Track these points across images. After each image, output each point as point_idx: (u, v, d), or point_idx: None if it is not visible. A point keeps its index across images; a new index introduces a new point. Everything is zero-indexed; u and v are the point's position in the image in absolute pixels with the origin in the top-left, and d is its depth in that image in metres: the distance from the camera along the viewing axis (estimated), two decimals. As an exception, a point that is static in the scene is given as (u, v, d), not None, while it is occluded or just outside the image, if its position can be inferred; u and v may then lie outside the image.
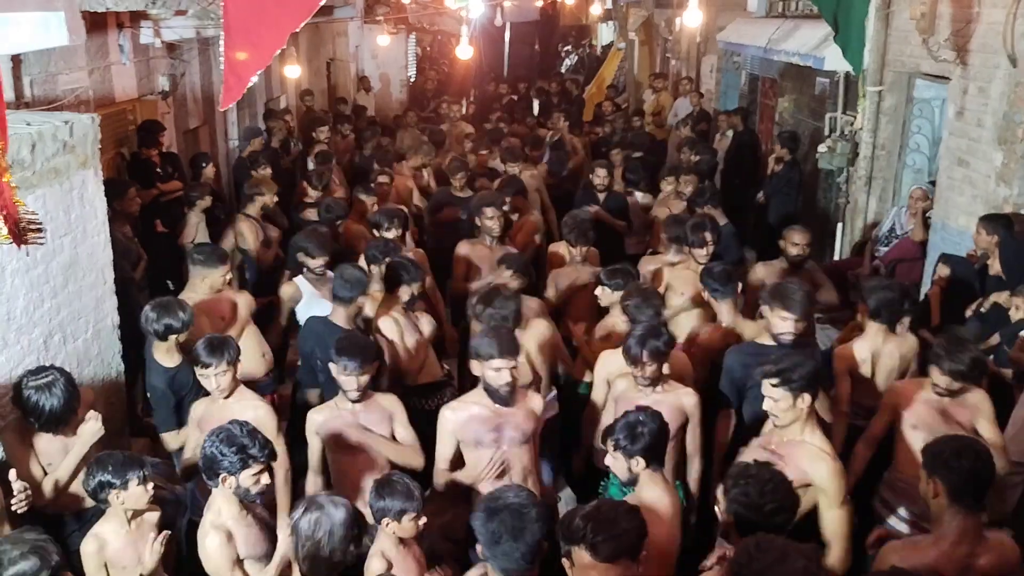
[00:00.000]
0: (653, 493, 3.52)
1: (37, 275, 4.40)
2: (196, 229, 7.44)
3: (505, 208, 6.89)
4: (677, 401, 4.35)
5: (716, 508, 3.23)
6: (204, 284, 5.33)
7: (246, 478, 3.46)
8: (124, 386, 5.32)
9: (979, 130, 6.70)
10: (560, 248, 6.57)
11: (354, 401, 4.26)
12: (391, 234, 6.29)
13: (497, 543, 2.86)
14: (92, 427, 3.99)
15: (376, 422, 4.31)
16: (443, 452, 4.20)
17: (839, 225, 9.11)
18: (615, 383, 4.57)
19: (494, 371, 4.04)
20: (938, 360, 4.23)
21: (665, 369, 4.34)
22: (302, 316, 5.69)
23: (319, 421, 4.28)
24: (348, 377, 4.20)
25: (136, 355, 5.57)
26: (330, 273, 5.64)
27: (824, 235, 9.58)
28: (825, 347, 6.00)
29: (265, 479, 3.51)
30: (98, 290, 5.03)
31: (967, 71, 6.83)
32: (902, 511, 4.28)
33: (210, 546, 3.44)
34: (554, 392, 5.37)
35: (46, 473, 4.04)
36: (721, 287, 5.18)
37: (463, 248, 6.65)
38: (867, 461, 4.49)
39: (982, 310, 5.54)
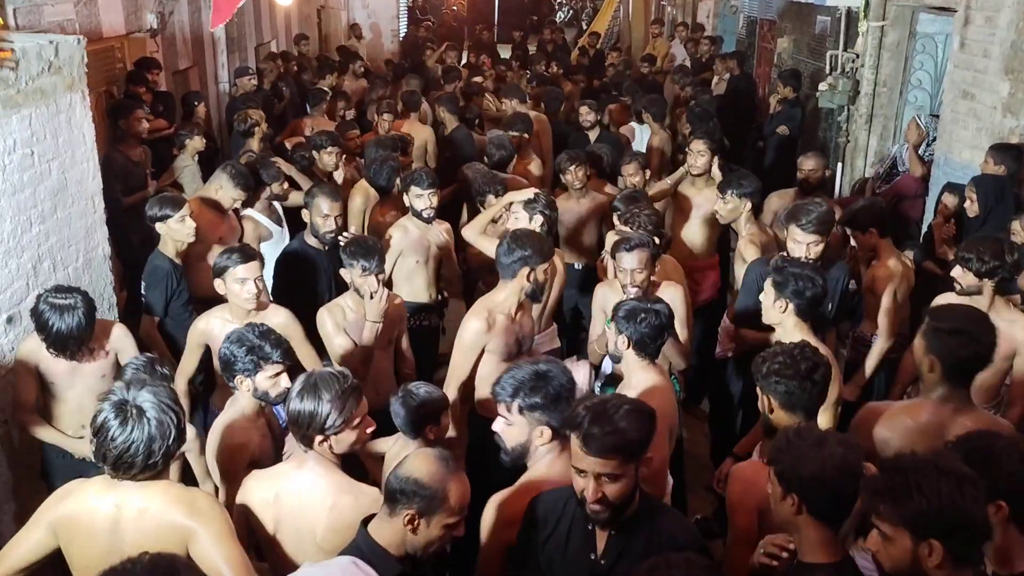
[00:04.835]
0: (646, 372, 3.59)
1: (24, 198, 4.29)
2: (187, 174, 7.07)
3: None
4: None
5: (760, 404, 3.21)
6: None
7: (263, 380, 3.40)
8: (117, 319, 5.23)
9: (985, 61, 6.56)
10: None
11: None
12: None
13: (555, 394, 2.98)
14: None
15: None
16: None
17: (839, 164, 8.99)
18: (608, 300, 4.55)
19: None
20: (966, 262, 4.16)
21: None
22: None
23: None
24: (368, 279, 4.24)
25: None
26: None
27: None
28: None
29: (285, 381, 3.41)
30: (88, 218, 4.92)
31: (973, 1, 6.68)
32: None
33: (222, 441, 3.38)
34: (554, 327, 5.30)
35: (49, 393, 4.05)
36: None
37: None
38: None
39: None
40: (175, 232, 4.84)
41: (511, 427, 3.02)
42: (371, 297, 4.29)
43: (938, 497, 2.19)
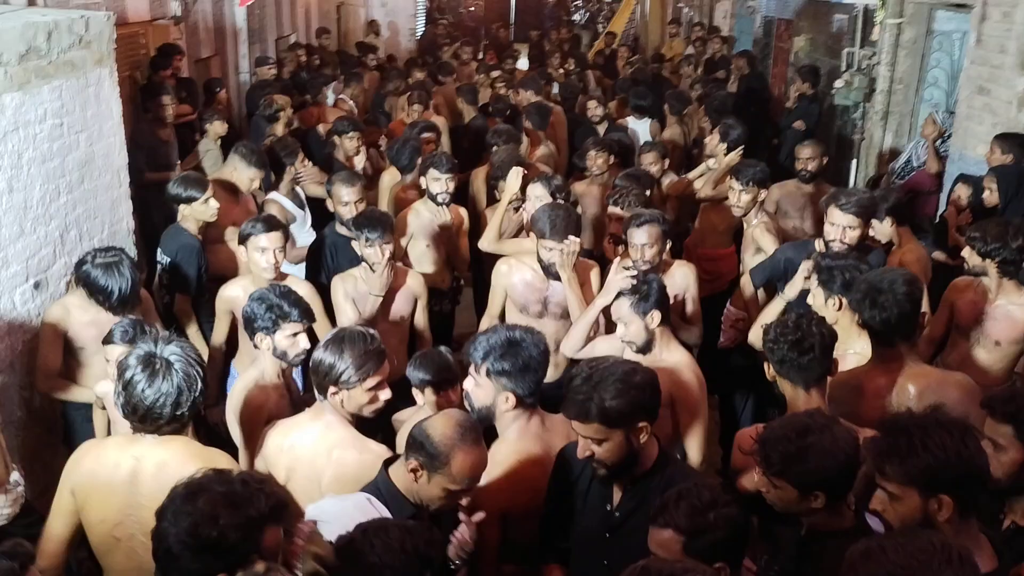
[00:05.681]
0: (669, 349, 3.66)
1: (53, 167, 4.38)
2: (209, 157, 7.10)
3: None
4: (672, 281, 4.47)
5: (767, 371, 3.23)
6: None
7: (282, 339, 3.47)
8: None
9: (1002, 56, 6.61)
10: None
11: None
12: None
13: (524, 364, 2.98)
14: None
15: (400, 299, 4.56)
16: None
17: (854, 161, 9.04)
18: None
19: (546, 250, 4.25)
20: (973, 242, 4.19)
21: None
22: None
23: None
24: (372, 249, 4.31)
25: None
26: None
27: (838, 172, 9.52)
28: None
29: (303, 342, 3.49)
30: (113, 192, 5.01)
31: (991, -3, 6.73)
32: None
33: (242, 397, 3.46)
34: None
35: (75, 359, 4.13)
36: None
37: None
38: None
39: None
40: (199, 213, 4.91)
41: (478, 388, 3.05)
42: (373, 270, 4.38)
43: (944, 451, 2.21)
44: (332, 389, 3.05)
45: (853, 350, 3.61)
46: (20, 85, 4.09)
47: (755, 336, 3.95)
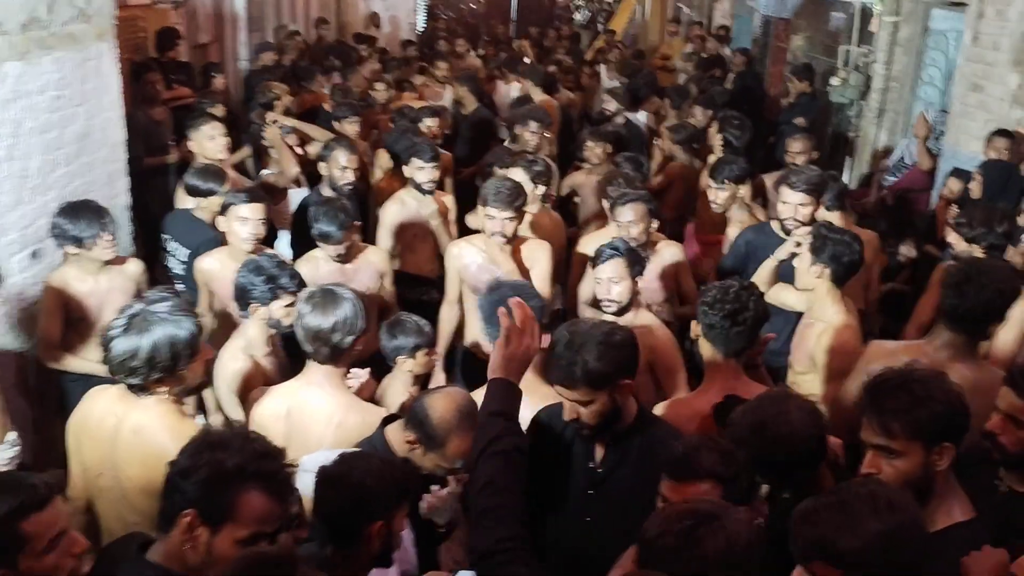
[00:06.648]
0: (639, 315, 3.81)
1: (52, 138, 4.42)
2: None
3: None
4: (661, 259, 4.52)
5: (692, 330, 3.25)
6: None
7: (277, 309, 3.47)
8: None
9: (995, 54, 6.67)
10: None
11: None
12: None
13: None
14: None
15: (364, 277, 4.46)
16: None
17: (847, 159, 9.09)
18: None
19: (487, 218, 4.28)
20: (959, 227, 4.24)
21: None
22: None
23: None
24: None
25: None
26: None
27: (832, 169, 9.56)
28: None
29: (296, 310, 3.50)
30: (110, 167, 5.05)
31: (986, -6, 6.79)
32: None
33: (232, 368, 3.47)
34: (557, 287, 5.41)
35: (75, 330, 4.14)
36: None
37: None
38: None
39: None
40: (217, 205, 4.73)
41: None
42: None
43: (947, 397, 2.26)
44: (356, 348, 3.10)
45: (822, 320, 3.67)
46: (21, 55, 4.13)
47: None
